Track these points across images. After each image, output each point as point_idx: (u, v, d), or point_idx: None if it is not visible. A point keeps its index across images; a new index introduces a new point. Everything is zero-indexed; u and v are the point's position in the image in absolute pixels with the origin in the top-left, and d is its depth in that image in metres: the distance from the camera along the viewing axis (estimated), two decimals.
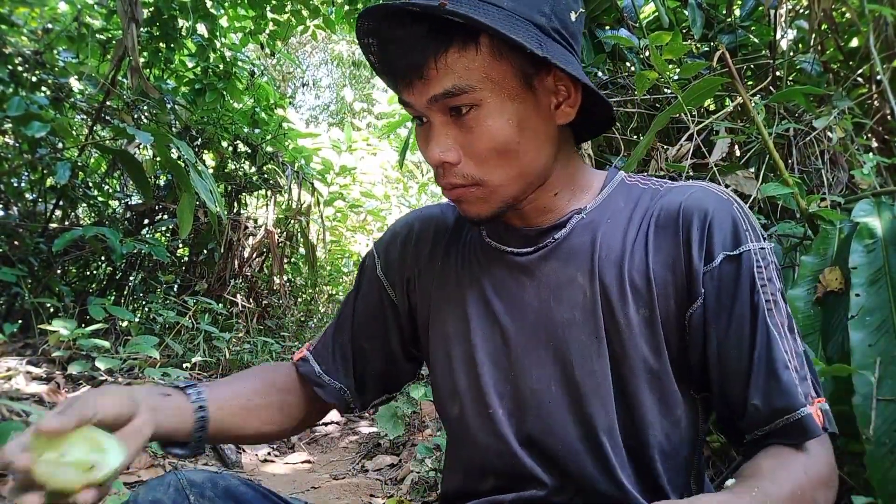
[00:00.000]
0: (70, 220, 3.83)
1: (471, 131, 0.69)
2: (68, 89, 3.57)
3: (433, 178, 4.01)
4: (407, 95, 0.71)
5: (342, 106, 10.41)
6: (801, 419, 0.66)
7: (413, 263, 0.90)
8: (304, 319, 5.01)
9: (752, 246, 0.72)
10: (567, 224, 0.78)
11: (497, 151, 0.70)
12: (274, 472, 2.51)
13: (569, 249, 0.77)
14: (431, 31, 0.67)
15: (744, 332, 0.70)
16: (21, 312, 3.38)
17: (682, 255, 0.73)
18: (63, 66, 3.40)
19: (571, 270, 0.76)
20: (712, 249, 0.72)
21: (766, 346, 0.69)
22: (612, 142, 2.15)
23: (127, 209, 4.30)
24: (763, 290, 0.71)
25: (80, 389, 2.67)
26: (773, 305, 0.71)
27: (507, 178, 0.72)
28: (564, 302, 0.76)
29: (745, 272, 0.71)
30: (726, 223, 0.72)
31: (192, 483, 0.71)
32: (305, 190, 5.00)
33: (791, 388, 0.67)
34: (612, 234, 0.76)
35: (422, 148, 0.75)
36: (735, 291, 0.71)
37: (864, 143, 1.82)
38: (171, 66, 4.09)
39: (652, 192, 0.79)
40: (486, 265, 0.82)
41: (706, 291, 0.72)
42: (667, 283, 0.73)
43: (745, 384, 0.69)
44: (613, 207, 0.79)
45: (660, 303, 0.73)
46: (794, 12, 2.14)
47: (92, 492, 0.57)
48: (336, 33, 6.30)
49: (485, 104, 0.69)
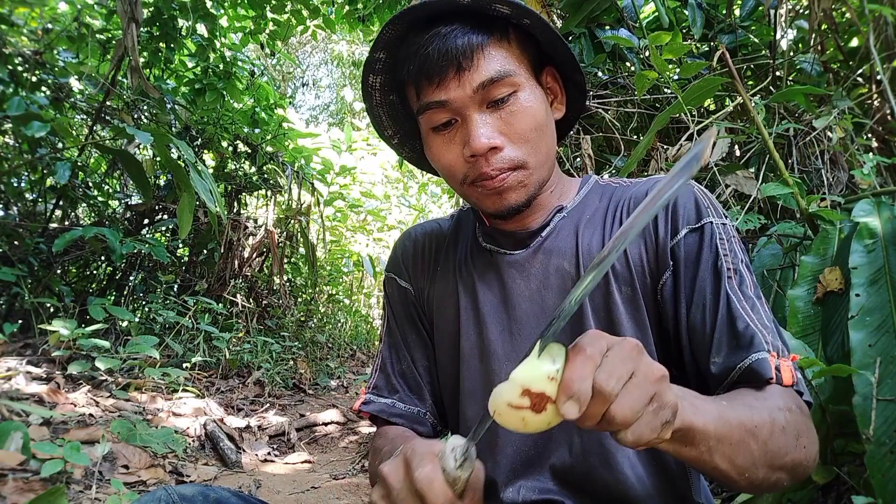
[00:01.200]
0: (70, 220, 3.84)
1: (513, 115, 0.76)
2: (68, 89, 3.57)
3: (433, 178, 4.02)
4: (443, 92, 0.75)
5: (342, 106, 10.41)
6: (756, 362, 0.69)
7: (422, 275, 0.95)
8: (304, 319, 5.01)
9: (713, 220, 0.78)
10: (551, 223, 0.85)
11: (537, 130, 0.77)
12: (274, 472, 2.51)
13: (554, 244, 0.84)
14: (472, 26, 0.74)
15: (706, 297, 0.74)
16: (21, 312, 3.38)
17: (651, 232, 0.79)
18: (63, 66, 3.40)
19: (558, 260, 0.83)
20: (677, 223, 0.78)
21: (727, 308, 0.73)
22: (612, 142, 2.15)
23: (127, 209, 4.30)
24: (725, 258, 0.75)
25: (80, 390, 2.67)
26: (734, 274, 0.75)
27: (543, 158, 0.79)
28: (554, 289, 0.82)
29: (706, 243, 0.76)
30: (689, 201, 0.79)
31: (183, 497, 0.73)
32: (305, 190, 5.00)
33: (749, 339, 0.70)
34: (591, 226, 0.84)
35: (440, 155, 0.79)
36: (697, 260, 0.76)
37: (864, 143, 1.82)
38: (171, 66, 4.09)
39: (623, 188, 0.87)
40: (481, 266, 0.88)
41: (674, 264, 0.77)
42: (642, 260, 0.79)
43: (709, 346, 0.73)
44: (591, 205, 0.87)
45: (639, 280, 0.79)
46: (794, 12, 2.14)
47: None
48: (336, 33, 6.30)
49: (522, 88, 0.77)
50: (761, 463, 0.63)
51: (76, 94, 3.68)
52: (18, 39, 3.37)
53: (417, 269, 0.95)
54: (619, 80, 2.20)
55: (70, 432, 2.16)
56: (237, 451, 2.56)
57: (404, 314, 0.95)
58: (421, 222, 1.02)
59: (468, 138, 0.75)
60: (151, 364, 2.98)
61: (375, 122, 0.90)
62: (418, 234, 0.99)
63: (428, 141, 0.81)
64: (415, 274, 0.95)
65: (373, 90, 0.85)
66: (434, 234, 0.97)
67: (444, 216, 1.03)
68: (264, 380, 3.78)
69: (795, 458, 0.65)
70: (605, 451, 0.76)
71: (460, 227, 0.96)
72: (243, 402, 3.42)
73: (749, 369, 0.69)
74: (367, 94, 0.86)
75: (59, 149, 3.57)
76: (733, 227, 0.80)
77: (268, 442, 2.90)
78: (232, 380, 3.77)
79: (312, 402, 3.82)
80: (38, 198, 3.70)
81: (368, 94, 0.86)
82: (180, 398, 2.94)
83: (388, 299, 0.98)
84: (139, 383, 2.91)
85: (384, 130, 0.91)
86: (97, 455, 1.92)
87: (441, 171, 0.82)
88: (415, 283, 0.95)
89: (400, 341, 0.94)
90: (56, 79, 3.40)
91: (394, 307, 0.96)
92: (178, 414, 2.76)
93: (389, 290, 0.98)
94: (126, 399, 2.71)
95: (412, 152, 0.94)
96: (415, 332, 0.94)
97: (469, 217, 0.96)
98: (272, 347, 4.09)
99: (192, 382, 3.28)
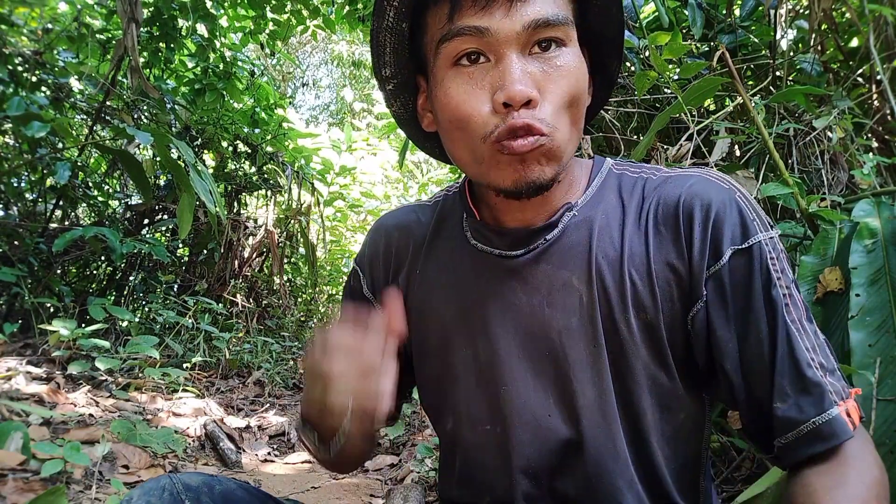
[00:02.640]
0: (70, 220, 3.83)
1: (557, 70, 0.63)
2: (68, 89, 3.57)
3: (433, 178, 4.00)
4: (487, 18, 0.61)
5: (342, 106, 10.40)
6: (831, 420, 0.61)
7: (395, 274, 0.83)
8: (304, 319, 5.00)
9: (761, 236, 0.66)
10: (559, 223, 0.72)
11: (574, 99, 0.64)
12: (274, 472, 2.51)
13: (562, 251, 0.71)
14: None
15: (762, 333, 0.65)
16: (21, 312, 3.38)
17: (684, 253, 0.67)
18: (63, 66, 3.40)
19: (566, 273, 0.70)
20: (719, 246, 0.66)
21: (788, 345, 0.64)
22: (612, 142, 2.15)
23: (127, 209, 4.30)
24: (779, 282, 0.65)
25: (80, 390, 2.67)
26: (790, 300, 0.65)
27: (570, 135, 0.65)
28: (559, 308, 0.70)
29: (757, 266, 0.65)
30: (732, 215, 0.67)
31: (187, 487, 0.69)
32: (305, 190, 5.00)
33: (817, 388, 0.63)
34: (608, 233, 0.71)
35: (461, 99, 0.64)
36: (749, 288, 0.65)
37: (864, 143, 1.81)
38: (171, 66, 4.09)
39: (644, 180, 0.74)
40: (471, 270, 0.76)
41: (708, 293, 0.67)
42: (669, 282, 0.68)
43: (770, 388, 0.64)
44: (606, 202, 0.73)
45: (663, 305, 0.68)
46: (794, 12, 2.13)
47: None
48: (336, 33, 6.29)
49: (571, 45, 0.65)
50: None
51: (76, 94, 3.68)
52: (18, 39, 3.37)
53: (389, 267, 0.83)
54: (620, 79, 2.19)
55: (70, 432, 2.15)
56: (237, 451, 2.56)
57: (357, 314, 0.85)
58: (396, 209, 0.88)
59: (503, 82, 0.61)
60: (151, 364, 2.98)
61: (376, 53, 0.73)
62: (391, 226, 0.85)
63: (445, 82, 0.65)
64: (384, 273, 0.83)
65: (389, 5, 0.67)
66: (410, 228, 0.83)
67: (424, 201, 0.88)
68: (264, 380, 3.78)
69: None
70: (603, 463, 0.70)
71: (444, 220, 0.82)
72: (243, 402, 3.42)
73: (822, 428, 0.62)
74: (379, 10, 0.68)
75: (59, 149, 3.57)
76: (779, 237, 0.69)
77: (268, 442, 2.89)
78: (232, 380, 3.77)
79: None
80: (38, 198, 3.70)
81: (381, 11, 0.68)
82: (180, 398, 2.94)
83: (346, 293, 0.87)
84: (139, 383, 2.91)
85: (383, 68, 0.74)
86: (97, 455, 1.92)
87: (454, 123, 0.66)
88: (380, 281, 0.83)
89: None
90: (56, 79, 3.40)
91: (346, 304, 0.86)
92: (178, 414, 2.76)
93: (354, 283, 0.86)
94: (126, 399, 2.71)
95: (403, 109, 0.79)
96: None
97: (455, 207, 0.82)
98: (272, 347, 4.08)
99: (192, 382, 3.28)
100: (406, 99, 0.78)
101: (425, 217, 0.84)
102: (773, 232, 0.68)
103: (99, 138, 3.77)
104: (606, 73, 0.76)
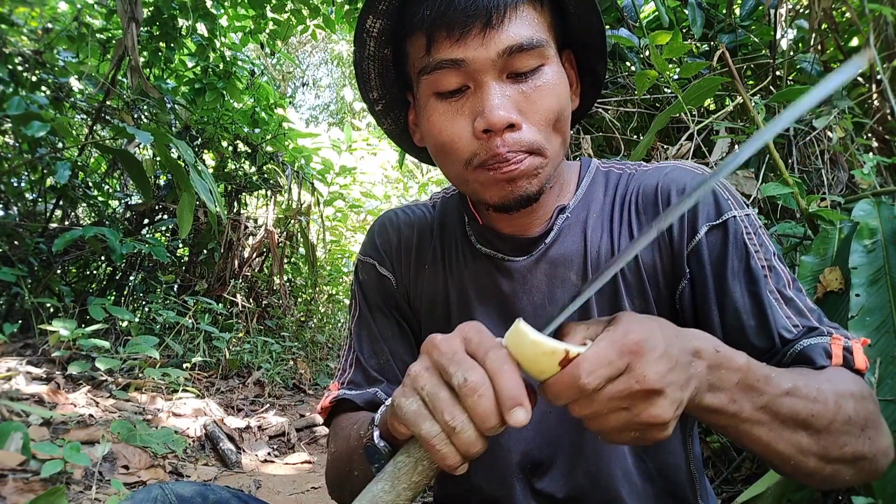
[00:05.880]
0: (70, 220, 3.84)
1: (537, 91, 0.65)
2: (68, 89, 3.57)
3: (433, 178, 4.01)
4: (462, 49, 0.63)
5: (342, 106, 10.41)
6: (812, 346, 0.63)
7: (406, 269, 0.84)
8: (304, 319, 5.00)
9: (736, 213, 0.70)
10: (553, 228, 0.75)
11: (557, 115, 0.66)
12: (274, 472, 2.51)
13: (560, 252, 0.75)
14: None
15: (742, 303, 0.67)
16: (21, 312, 3.38)
17: (665, 235, 0.71)
18: (63, 66, 3.40)
19: (563, 271, 0.74)
20: (695, 223, 0.70)
21: (770, 313, 0.66)
22: (612, 142, 2.15)
23: (127, 209, 4.30)
24: (757, 255, 0.68)
25: (80, 390, 2.67)
26: (769, 272, 0.68)
27: (558, 148, 0.68)
28: (558, 304, 0.73)
29: (732, 239, 0.68)
30: (706, 196, 0.70)
31: (180, 498, 0.67)
32: (305, 190, 5.00)
33: (804, 335, 0.65)
34: (599, 229, 0.75)
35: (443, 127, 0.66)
36: (723, 261, 0.68)
37: (864, 143, 1.81)
38: (171, 65, 4.09)
39: (627, 175, 0.78)
40: (476, 271, 0.78)
41: (691, 269, 0.70)
42: (655, 267, 0.72)
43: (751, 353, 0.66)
44: (594, 200, 0.77)
45: (652, 290, 0.72)
46: (794, 12, 2.13)
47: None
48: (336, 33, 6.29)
49: (550, 63, 0.66)
50: (811, 452, 0.56)
51: (76, 94, 3.68)
52: (18, 39, 3.37)
53: (401, 260, 0.84)
54: (619, 79, 2.19)
55: (70, 432, 2.15)
56: (237, 452, 2.56)
57: (383, 304, 0.83)
58: (400, 207, 0.89)
59: (482, 109, 0.63)
60: (151, 364, 2.98)
61: (361, 80, 0.76)
62: (401, 221, 0.86)
63: (427, 109, 0.68)
64: (398, 265, 0.84)
65: (368, 36, 0.71)
66: (418, 225, 0.85)
67: (423, 201, 0.90)
68: (264, 380, 3.78)
69: (858, 451, 0.58)
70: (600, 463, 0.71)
71: (445, 219, 0.84)
72: (243, 402, 3.42)
73: (805, 351, 0.63)
74: (359, 41, 0.71)
75: (59, 149, 3.57)
76: (756, 217, 0.71)
77: (268, 442, 2.89)
78: (232, 380, 3.77)
79: (312, 403, 3.82)
80: (38, 198, 3.70)
81: (362, 41, 0.71)
82: (180, 398, 2.94)
83: (362, 286, 0.85)
84: (139, 383, 2.91)
85: (369, 92, 0.77)
86: (97, 455, 1.92)
87: (438, 148, 0.68)
88: (397, 274, 0.84)
89: (377, 333, 0.83)
90: (56, 79, 3.40)
91: (369, 296, 0.84)
92: (178, 414, 2.76)
93: (364, 276, 0.85)
94: (126, 399, 2.71)
95: (394, 124, 0.81)
96: (395, 324, 0.83)
97: (454, 208, 0.84)
98: (272, 347, 4.09)
99: (192, 383, 3.28)
100: (397, 114, 0.81)
101: (429, 215, 0.86)
102: (748, 210, 0.71)
103: (99, 138, 3.77)
104: (594, 74, 0.78)
